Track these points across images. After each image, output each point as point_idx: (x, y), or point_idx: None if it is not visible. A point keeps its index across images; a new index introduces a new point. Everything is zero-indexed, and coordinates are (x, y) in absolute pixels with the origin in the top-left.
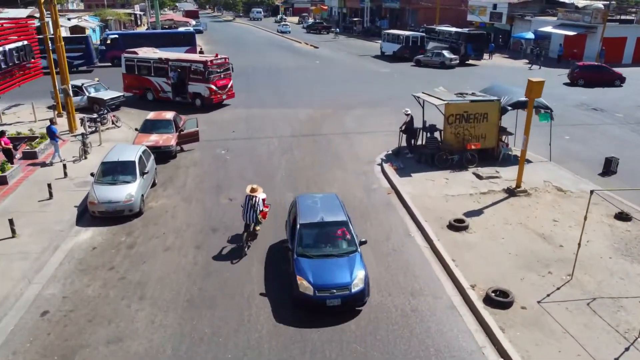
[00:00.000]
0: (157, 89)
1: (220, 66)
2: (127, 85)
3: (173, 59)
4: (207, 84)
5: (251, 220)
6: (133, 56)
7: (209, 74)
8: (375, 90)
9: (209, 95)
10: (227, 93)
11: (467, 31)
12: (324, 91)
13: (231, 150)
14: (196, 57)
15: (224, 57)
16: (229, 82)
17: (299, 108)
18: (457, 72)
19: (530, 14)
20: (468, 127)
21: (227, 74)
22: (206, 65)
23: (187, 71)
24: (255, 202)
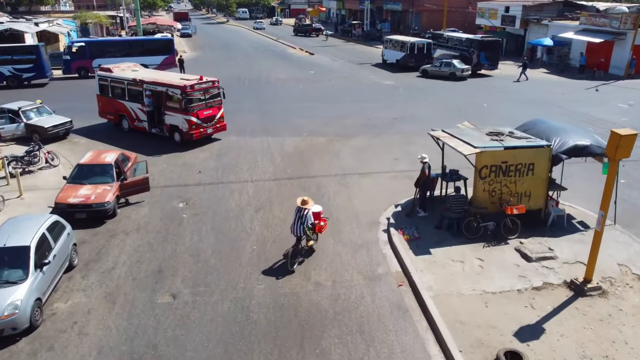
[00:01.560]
0: (132, 116)
1: (206, 92)
2: (101, 109)
3: (148, 80)
4: (186, 115)
5: (300, 233)
6: (107, 75)
7: (187, 103)
8: (378, 109)
9: (187, 130)
10: (215, 126)
11: (480, 38)
12: (317, 111)
13: (191, 204)
14: (174, 80)
15: (211, 79)
16: (218, 112)
17: (285, 136)
18: (470, 85)
19: (547, 17)
20: (507, 182)
21: (215, 101)
22: (184, 92)
23: (163, 97)
24: (304, 214)
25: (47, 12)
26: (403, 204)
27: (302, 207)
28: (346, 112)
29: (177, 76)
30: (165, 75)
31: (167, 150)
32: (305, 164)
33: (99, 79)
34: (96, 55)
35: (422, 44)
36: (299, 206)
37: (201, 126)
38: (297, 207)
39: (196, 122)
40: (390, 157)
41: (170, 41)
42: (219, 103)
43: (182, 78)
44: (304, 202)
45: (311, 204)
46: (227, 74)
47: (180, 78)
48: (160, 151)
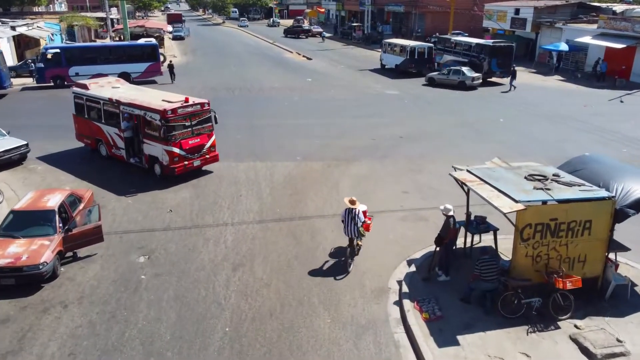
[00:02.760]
0: (109, 142)
1: (192, 117)
2: (77, 132)
3: (125, 101)
4: (166, 146)
5: (354, 234)
6: (82, 92)
7: (168, 131)
8: (381, 125)
9: (168, 163)
10: (204, 157)
11: (491, 43)
12: (313, 128)
13: (155, 258)
14: (153, 103)
15: (200, 101)
16: (208, 141)
17: (276, 161)
18: (482, 96)
19: (561, 20)
20: (556, 244)
21: (204, 127)
22: (165, 117)
23: (141, 122)
24: (355, 214)
25: (41, 13)
26: (418, 261)
27: (353, 208)
28: (346, 129)
29: (159, 96)
30: (147, 94)
31: (143, 184)
32: (297, 199)
33: (74, 97)
34: (73, 63)
35: (422, 48)
36: (349, 207)
37: (186, 158)
38: (347, 208)
39: (179, 153)
40: (398, 189)
41: (155, 47)
42: (210, 130)
43: (164, 99)
44: (353, 202)
45: (358, 203)
46: (216, 82)
47: (162, 99)
48: (135, 184)
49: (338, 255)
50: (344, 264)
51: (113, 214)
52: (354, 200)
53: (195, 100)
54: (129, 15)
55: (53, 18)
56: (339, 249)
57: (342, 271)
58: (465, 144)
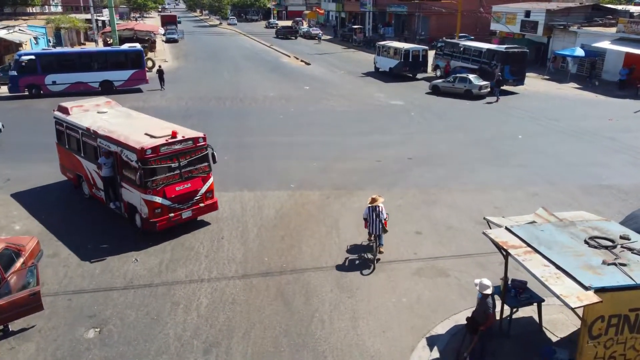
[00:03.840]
0: (89, 180)
1: (180, 156)
2: (60, 163)
3: (103, 133)
4: (145, 194)
5: (378, 230)
6: (62, 118)
7: (147, 175)
8: (387, 143)
9: (148, 216)
10: (197, 205)
11: (504, 49)
12: (310, 147)
13: (107, 332)
14: (131, 138)
15: (192, 136)
16: (203, 185)
17: (267, 190)
18: (494, 106)
19: (575, 24)
20: (636, 342)
21: (197, 169)
22: (142, 157)
23: (117, 161)
24: (380, 211)
25: (35, 13)
26: (442, 341)
27: (376, 205)
28: (347, 148)
29: (146, 127)
30: (132, 124)
31: (118, 235)
32: (290, 243)
33: (55, 122)
34: (50, 70)
35: (417, 50)
36: (372, 205)
37: (171, 209)
38: (371, 206)
39: (162, 204)
40: (409, 228)
41: (140, 53)
42: (205, 171)
43: (147, 133)
44: (375, 200)
45: (380, 200)
46: (206, 91)
47: (145, 132)
48: (108, 234)
49: (337, 323)
50: (368, 260)
51: (65, 265)
52: (376, 198)
53: (186, 134)
54: (123, 16)
55: (41, 20)
56: (339, 331)
57: (366, 266)
58: (483, 167)
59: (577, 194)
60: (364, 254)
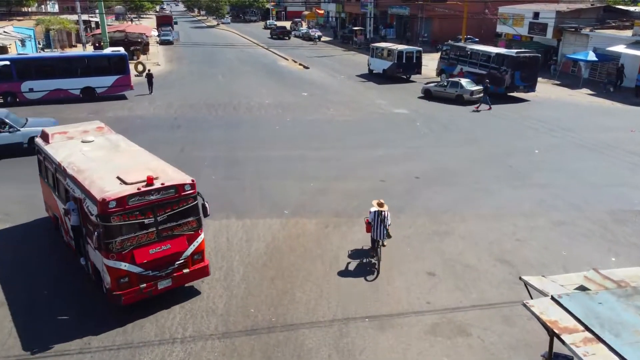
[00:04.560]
0: (63, 223)
1: (158, 209)
2: (44, 199)
3: (70, 172)
4: (108, 259)
5: (382, 236)
6: (41, 146)
7: (108, 235)
8: (392, 159)
9: (110, 287)
10: (180, 274)
11: (514, 54)
12: (308, 164)
13: None
14: (95, 184)
15: (176, 182)
16: (188, 247)
17: (257, 217)
18: (505, 115)
19: (587, 26)
20: None
21: (182, 226)
22: (104, 212)
23: (81, 211)
24: (385, 216)
25: (31, 13)
26: None
27: (382, 210)
28: (348, 164)
29: (119, 168)
30: (108, 162)
31: (81, 301)
32: (281, 288)
33: (36, 151)
34: (26, 76)
35: (410, 52)
36: (378, 210)
37: (143, 278)
38: (376, 210)
39: (128, 271)
40: (420, 268)
41: (124, 57)
42: (193, 228)
43: (119, 177)
44: (381, 204)
45: (385, 206)
46: (198, 97)
47: (117, 176)
48: (67, 292)
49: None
50: (371, 265)
51: (11, 321)
52: (382, 203)
53: (169, 179)
54: (119, 17)
55: (33, 19)
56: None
57: (370, 272)
58: (499, 188)
59: (608, 223)
60: (367, 259)
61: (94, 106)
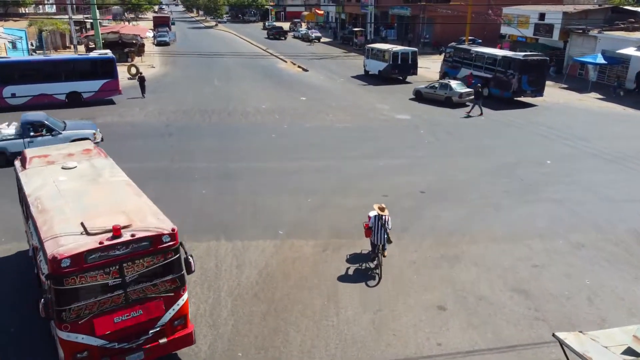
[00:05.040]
0: (36, 260)
1: (127, 266)
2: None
3: (33, 211)
4: (59, 330)
5: (382, 240)
6: (18, 171)
7: (61, 301)
8: (395, 170)
9: None
10: (155, 345)
11: (522, 57)
12: (305, 176)
13: None
14: (60, 225)
15: (152, 232)
16: (166, 311)
17: (249, 239)
18: (512, 122)
19: (594, 27)
20: None
21: (156, 285)
22: (56, 272)
23: (37, 261)
24: (386, 221)
25: (28, 14)
26: None
27: (383, 215)
28: (348, 176)
29: (88, 209)
30: (80, 198)
31: None
32: (272, 325)
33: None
34: (8, 81)
35: (406, 53)
36: (379, 214)
37: (107, 351)
38: (377, 215)
39: (87, 345)
40: (428, 300)
41: (112, 60)
42: (172, 287)
43: (83, 223)
44: (382, 208)
45: (386, 210)
46: (192, 102)
47: (81, 222)
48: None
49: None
50: (372, 271)
51: None
52: (384, 207)
53: (141, 229)
54: (116, 17)
55: (25, 21)
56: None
57: (371, 277)
58: (511, 204)
59: (632, 245)
60: (367, 264)
61: (81, 112)
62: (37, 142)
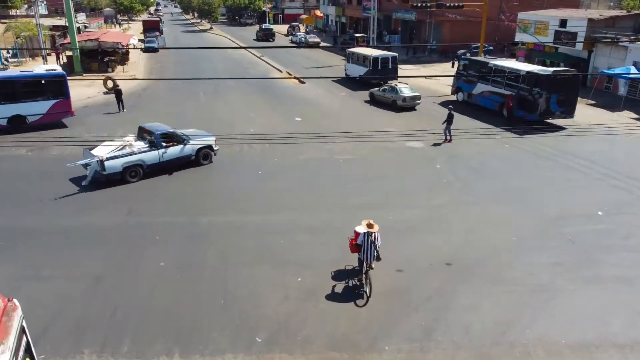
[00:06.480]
0: None
1: None
2: None
3: None
4: None
5: (372, 258)
6: None
7: None
8: (409, 227)
9: None
10: None
11: (550, 74)
12: (294, 236)
13: None
14: None
15: None
16: None
17: (212, 353)
18: (539, 150)
19: (623, 36)
20: None
21: None
22: None
23: None
24: (375, 238)
25: (18, 16)
26: None
27: (372, 232)
28: (348, 223)
29: None
30: None
31: None
32: None
33: None
34: None
35: (386, 58)
36: (367, 231)
37: None
38: (366, 232)
39: None
40: None
41: (62, 78)
42: None
43: None
44: (371, 225)
45: (376, 226)
46: (171, 125)
47: None
48: None
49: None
50: (360, 289)
51: None
52: (372, 224)
53: None
54: (107, 20)
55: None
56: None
57: (359, 297)
58: (566, 285)
59: None
60: (354, 281)
61: (27, 137)
62: (169, 153)
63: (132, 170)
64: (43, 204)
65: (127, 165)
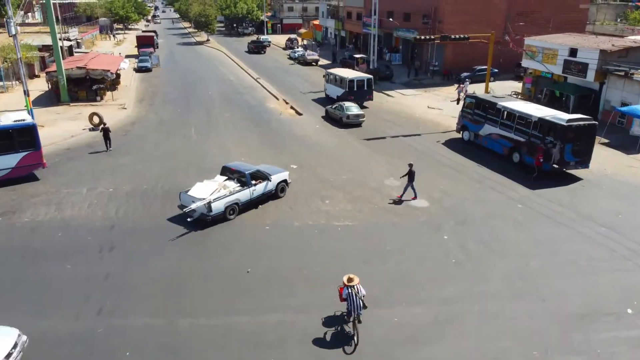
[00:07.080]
0: None
1: None
2: None
3: None
4: None
5: (360, 308)
6: None
7: None
8: (413, 325)
9: None
10: None
11: (565, 122)
12: (287, 344)
13: None
14: None
15: None
16: None
17: None
18: (560, 215)
19: (636, 67)
20: None
21: None
22: None
23: None
24: (358, 289)
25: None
26: None
27: (354, 285)
28: (352, 355)
29: None
30: None
31: None
32: None
33: None
34: None
35: (362, 80)
36: (348, 285)
37: None
38: (347, 286)
39: None
40: None
41: (32, 128)
42: None
43: None
44: (351, 279)
45: (356, 279)
46: (156, 175)
47: None
48: None
49: None
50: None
51: None
52: (352, 278)
53: None
54: (102, 30)
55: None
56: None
57: (347, 343)
58: None
59: None
60: (340, 327)
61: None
62: (257, 189)
63: (231, 209)
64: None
65: (227, 204)
